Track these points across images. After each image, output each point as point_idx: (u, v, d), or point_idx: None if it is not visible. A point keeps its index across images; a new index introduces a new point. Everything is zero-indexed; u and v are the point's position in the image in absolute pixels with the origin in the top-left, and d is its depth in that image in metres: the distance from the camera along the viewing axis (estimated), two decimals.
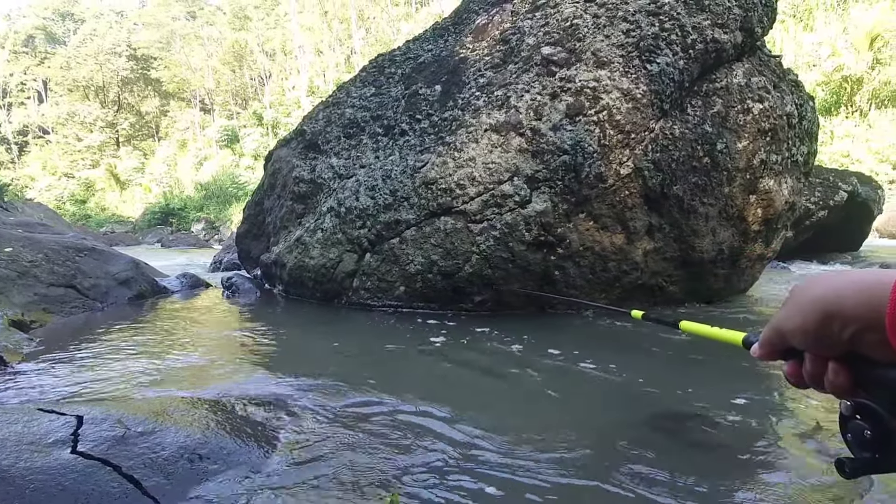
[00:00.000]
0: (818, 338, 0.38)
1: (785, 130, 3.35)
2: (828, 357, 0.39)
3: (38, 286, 3.34)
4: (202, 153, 32.64)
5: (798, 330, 0.40)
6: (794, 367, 0.42)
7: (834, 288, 0.37)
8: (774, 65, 3.57)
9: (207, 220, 23.34)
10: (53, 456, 1.18)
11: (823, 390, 0.41)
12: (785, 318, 0.41)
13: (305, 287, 3.77)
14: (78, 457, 1.20)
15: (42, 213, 9.61)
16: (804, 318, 0.39)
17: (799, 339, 0.40)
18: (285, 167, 4.40)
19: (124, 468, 1.20)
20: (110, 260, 4.08)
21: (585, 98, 2.95)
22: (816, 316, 0.38)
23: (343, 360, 2.43)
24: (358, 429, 1.54)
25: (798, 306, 0.40)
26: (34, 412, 1.36)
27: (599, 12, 3.15)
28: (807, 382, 0.42)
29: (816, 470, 1.31)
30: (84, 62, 38.90)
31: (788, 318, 0.41)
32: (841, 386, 0.39)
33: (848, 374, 0.38)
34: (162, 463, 1.25)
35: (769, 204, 3.36)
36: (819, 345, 0.39)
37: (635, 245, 3.13)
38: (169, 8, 43.76)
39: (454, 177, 3.07)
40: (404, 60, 4.13)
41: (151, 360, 2.31)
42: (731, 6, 3.15)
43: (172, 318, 3.39)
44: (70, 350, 2.47)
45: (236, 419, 1.56)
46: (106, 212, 30.37)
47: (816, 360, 0.40)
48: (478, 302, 3.18)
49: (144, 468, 1.22)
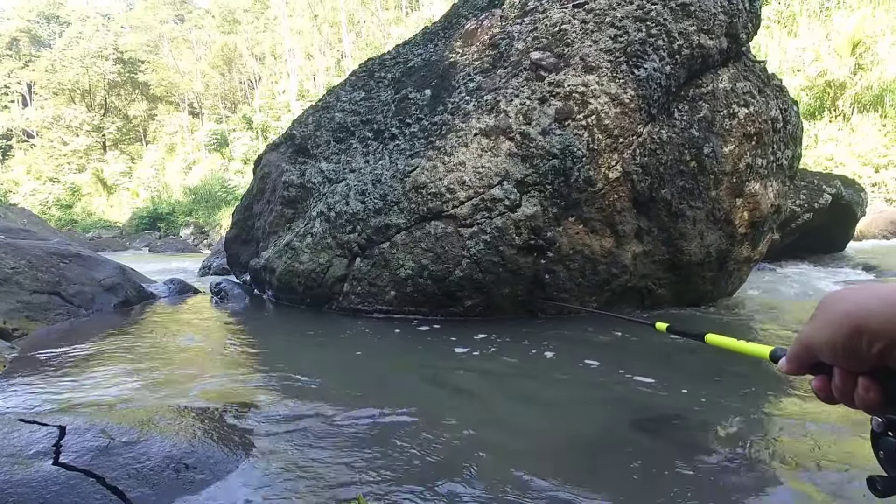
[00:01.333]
0: (847, 353, 0.38)
1: (770, 135, 3.39)
2: (857, 372, 0.38)
3: (21, 293, 3.28)
4: (191, 157, 32.39)
5: (826, 345, 0.39)
6: (823, 382, 0.42)
7: (861, 303, 0.37)
8: (759, 70, 3.62)
9: (196, 225, 23.15)
10: (34, 468, 1.16)
11: (854, 406, 0.40)
12: (813, 333, 0.40)
13: (295, 292, 3.74)
14: (60, 468, 1.17)
15: (26, 218, 9.46)
16: (832, 333, 0.38)
17: (827, 355, 0.39)
18: (275, 171, 4.38)
19: (108, 479, 1.18)
20: (96, 266, 4.02)
21: (574, 102, 2.97)
22: (845, 331, 0.37)
23: (333, 367, 2.41)
24: (349, 437, 1.53)
25: (826, 321, 0.39)
26: (15, 423, 1.33)
27: (587, 18, 3.18)
28: (836, 398, 0.41)
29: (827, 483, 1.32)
30: (70, 65, 38.44)
31: (816, 333, 0.40)
32: (871, 402, 0.38)
33: (878, 390, 0.37)
34: (147, 473, 1.22)
35: (755, 207, 3.40)
36: (848, 360, 0.38)
37: (624, 248, 3.15)
38: (157, 11, 43.44)
39: (444, 181, 3.07)
40: (394, 65, 4.13)
41: (137, 367, 2.28)
42: (716, 12, 3.19)
43: (159, 325, 3.35)
44: (53, 358, 2.42)
45: (224, 427, 1.54)
46: (93, 217, 30.00)
47: (846, 376, 0.39)
48: (468, 306, 3.17)
49: (129, 479, 1.19)
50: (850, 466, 1.32)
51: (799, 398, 1.83)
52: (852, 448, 1.43)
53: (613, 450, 1.47)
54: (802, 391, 1.87)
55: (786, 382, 1.98)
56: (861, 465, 1.31)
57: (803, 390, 1.88)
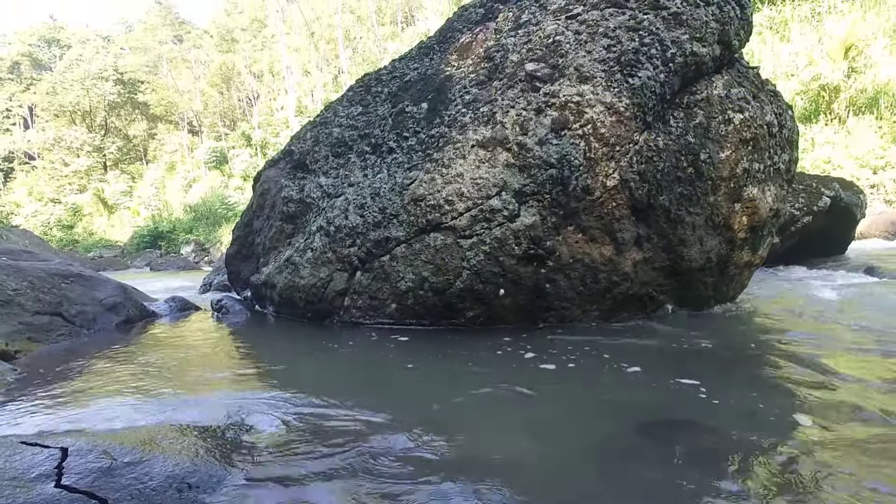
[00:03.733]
0: None
1: (766, 139, 3.41)
2: None
3: (24, 315, 3.28)
4: (191, 175, 32.57)
5: None
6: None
7: None
8: (753, 76, 3.65)
9: (197, 242, 23.18)
10: (36, 490, 1.15)
11: None
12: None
13: (296, 307, 3.74)
14: (63, 490, 1.17)
15: (27, 239, 9.49)
16: None
17: None
18: (274, 187, 4.40)
19: (111, 501, 1.17)
20: (97, 286, 4.03)
21: (570, 112, 2.99)
22: None
23: (336, 383, 2.40)
24: (353, 454, 1.52)
25: None
26: (16, 445, 1.32)
27: (580, 29, 3.22)
28: None
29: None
30: (70, 87, 38.86)
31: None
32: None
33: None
34: (150, 494, 1.22)
35: (754, 211, 3.41)
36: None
37: (624, 256, 3.15)
38: (156, 32, 43.99)
39: (442, 193, 3.08)
40: (391, 79, 4.17)
41: (139, 386, 2.27)
42: (708, 20, 3.23)
43: (160, 344, 3.34)
44: (55, 379, 2.42)
45: (226, 445, 1.53)
46: (94, 236, 30.09)
47: None
48: (470, 317, 3.17)
49: (131, 499, 1.19)
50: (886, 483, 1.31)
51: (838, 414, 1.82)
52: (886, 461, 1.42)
53: (624, 455, 1.46)
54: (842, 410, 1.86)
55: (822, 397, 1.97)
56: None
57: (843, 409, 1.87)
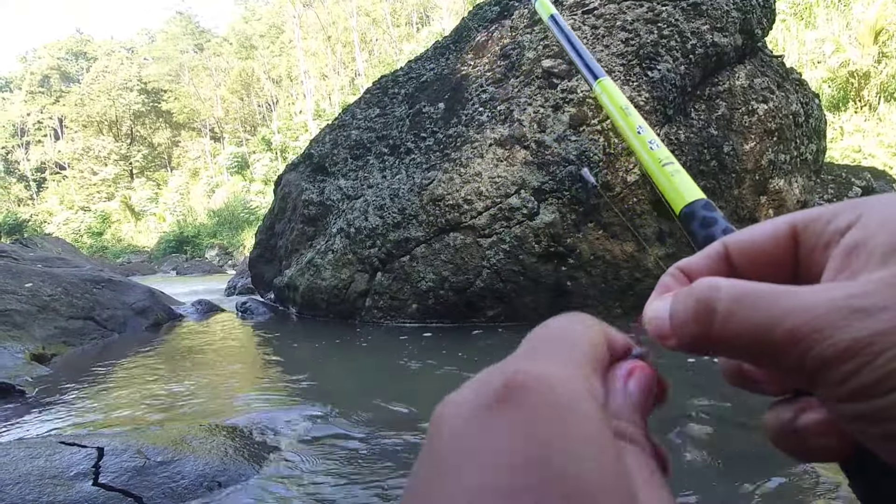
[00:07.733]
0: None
1: (792, 129, 3.32)
2: None
3: (59, 319, 3.40)
4: (213, 180, 33.26)
5: None
6: None
7: None
8: (777, 65, 3.56)
9: (221, 247, 23.66)
10: (76, 489, 1.19)
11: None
12: None
13: (319, 308, 3.79)
14: (100, 488, 1.21)
15: (60, 247, 9.82)
16: None
17: None
18: (294, 191, 4.47)
19: (145, 499, 1.21)
20: (126, 290, 4.15)
21: (588, 108, 2.96)
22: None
23: (360, 384, 2.43)
24: (380, 456, 1.54)
25: None
26: (56, 445, 1.37)
27: (598, 23, 3.18)
28: None
29: None
30: (97, 98, 40.09)
31: None
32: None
33: None
34: (182, 492, 1.25)
35: (781, 204, 3.33)
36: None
37: (646, 252, 3.10)
38: (177, 42, 45.08)
39: (461, 192, 3.08)
40: (407, 80, 4.19)
41: (169, 387, 2.33)
42: (729, 9, 3.16)
43: (188, 346, 3.42)
44: (89, 381, 2.50)
45: (254, 445, 1.56)
46: (122, 243, 30.98)
47: None
48: (490, 316, 3.16)
49: (164, 498, 1.22)
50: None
51: None
52: None
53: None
54: None
55: None
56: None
57: None
